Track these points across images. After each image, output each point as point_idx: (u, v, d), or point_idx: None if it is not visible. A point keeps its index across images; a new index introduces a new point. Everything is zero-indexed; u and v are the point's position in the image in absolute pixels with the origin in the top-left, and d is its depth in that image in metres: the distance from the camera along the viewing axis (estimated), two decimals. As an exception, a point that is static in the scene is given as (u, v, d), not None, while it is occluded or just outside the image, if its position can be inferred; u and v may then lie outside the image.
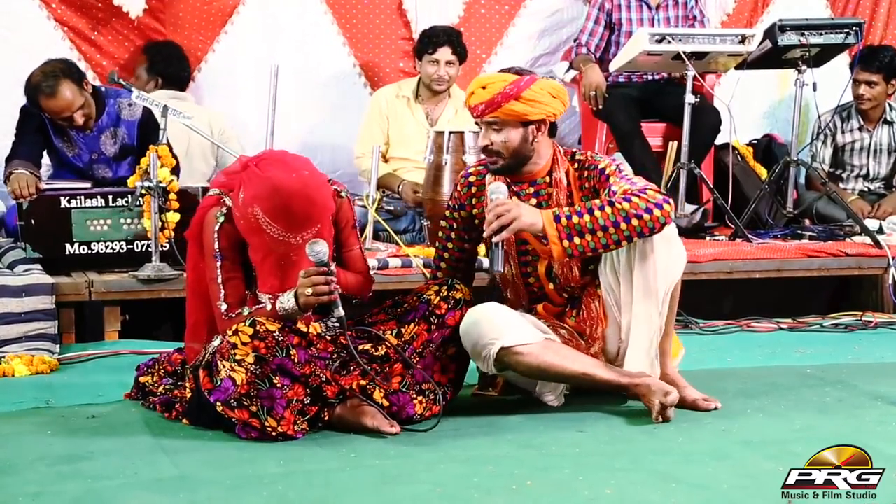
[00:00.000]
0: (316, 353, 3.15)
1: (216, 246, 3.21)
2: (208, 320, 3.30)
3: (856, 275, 5.26)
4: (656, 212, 3.21)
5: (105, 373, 3.89)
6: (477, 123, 3.44)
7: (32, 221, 4.39)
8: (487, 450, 3.06)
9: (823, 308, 5.11)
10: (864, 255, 5.21)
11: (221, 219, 3.21)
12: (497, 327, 3.28)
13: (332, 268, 3.14)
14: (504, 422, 3.34)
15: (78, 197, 4.40)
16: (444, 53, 5.50)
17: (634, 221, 3.19)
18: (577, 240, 3.19)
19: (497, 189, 3.32)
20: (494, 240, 3.23)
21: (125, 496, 2.65)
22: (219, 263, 3.21)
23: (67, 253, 4.38)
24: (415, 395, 3.24)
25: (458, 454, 3.01)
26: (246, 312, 3.17)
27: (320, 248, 3.10)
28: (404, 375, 3.25)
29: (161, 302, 4.40)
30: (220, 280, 3.22)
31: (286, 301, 3.14)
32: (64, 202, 4.38)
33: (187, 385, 3.27)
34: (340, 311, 3.15)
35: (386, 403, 3.20)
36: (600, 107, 5.63)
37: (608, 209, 3.20)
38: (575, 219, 3.20)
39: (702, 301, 3.56)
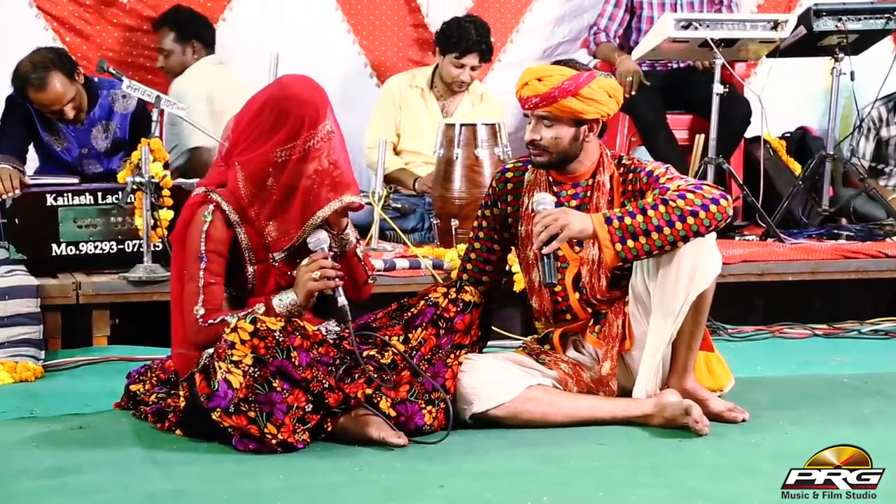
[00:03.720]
0: (318, 357, 3.16)
1: (202, 247, 3.22)
2: None
3: (896, 277, 5.26)
4: (713, 208, 3.21)
5: (94, 380, 3.91)
6: (526, 115, 3.44)
7: (16, 220, 4.41)
8: (501, 463, 3.06)
9: (861, 313, 5.09)
10: (905, 257, 5.21)
11: (209, 218, 3.23)
12: (469, 390, 3.32)
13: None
14: (519, 433, 3.33)
15: (65, 194, 4.42)
16: (472, 59, 5.53)
17: (690, 220, 3.19)
18: (630, 242, 3.20)
19: (543, 200, 3.35)
20: (545, 251, 3.24)
21: (115, 512, 2.67)
22: (203, 265, 3.22)
23: (54, 253, 4.40)
24: (423, 405, 3.24)
25: (469, 468, 3.02)
26: (231, 319, 3.15)
27: (321, 237, 3.20)
28: (412, 384, 3.25)
29: (153, 305, 4.40)
30: (201, 283, 3.22)
31: (285, 297, 3.20)
32: (50, 199, 4.40)
33: (181, 393, 3.28)
34: (343, 300, 3.20)
35: (393, 413, 3.20)
36: (634, 93, 5.62)
37: (662, 208, 3.20)
38: (628, 220, 3.20)
39: (730, 305, 3.56)
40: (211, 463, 3.03)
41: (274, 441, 3.05)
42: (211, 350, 3.16)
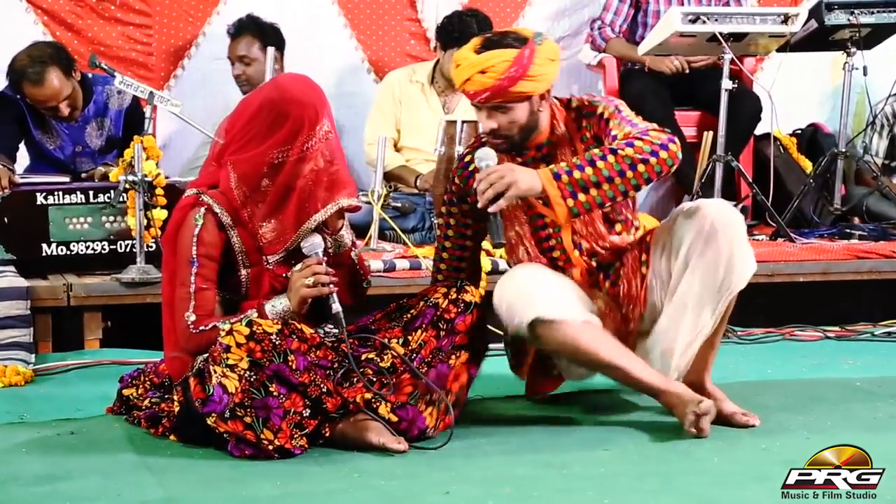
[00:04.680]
0: (316, 361, 3.15)
1: (194, 251, 3.21)
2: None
3: (911, 278, 5.25)
4: (662, 154, 3.21)
5: (85, 384, 3.91)
6: (476, 106, 3.40)
7: (5, 219, 4.41)
8: (504, 469, 3.06)
9: (875, 315, 5.09)
10: (920, 257, 5.21)
11: (201, 221, 3.21)
12: (533, 294, 3.29)
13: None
14: (523, 438, 3.34)
15: (56, 192, 4.41)
16: None
17: (641, 167, 3.20)
18: (581, 196, 3.19)
19: (486, 156, 3.31)
20: (491, 209, 3.22)
21: (107, 520, 2.67)
22: (194, 270, 3.20)
23: (44, 254, 4.40)
24: (425, 407, 3.24)
25: (471, 474, 3.01)
26: (224, 326, 3.13)
27: (316, 241, 3.20)
28: (415, 385, 3.24)
29: (146, 307, 4.39)
30: (192, 289, 3.20)
31: (278, 303, 3.19)
32: (40, 198, 4.39)
33: (175, 398, 3.27)
34: (338, 307, 3.20)
35: (394, 419, 3.19)
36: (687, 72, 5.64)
37: (611, 158, 3.19)
38: (577, 174, 3.19)
39: (739, 307, 3.55)
40: (206, 469, 3.03)
41: (270, 447, 3.05)
42: (206, 354, 3.15)
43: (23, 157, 5.07)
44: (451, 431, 3.22)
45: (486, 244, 3.75)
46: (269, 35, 5.49)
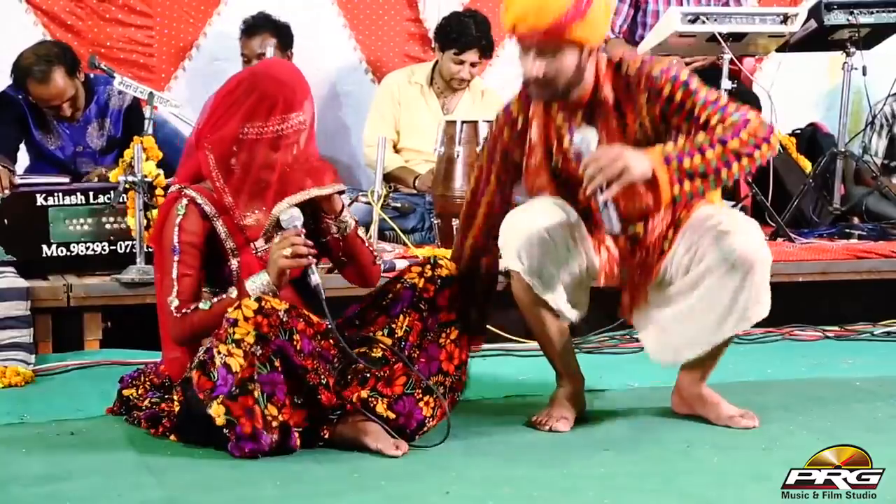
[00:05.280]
0: (320, 350, 3.13)
1: (175, 240, 3.19)
2: None
3: (910, 278, 5.25)
4: (764, 148, 3.16)
5: (85, 385, 3.90)
6: (525, 51, 3.26)
7: (5, 220, 4.40)
8: (504, 470, 3.05)
9: (874, 315, 5.09)
10: (919, 257, 5.21)
11: (182, 211, 3.20)
12: (519, 241, 3.29)
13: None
14: (522, 438, 3.34)
15: (56, 193, 4.40)
16: (472, 55, 5.53)
17: (745, 161, 3.15)
18: (687, 185, 3.12)
19: (587, 137, 3.21)
20: (602, 197, 3.12)
21: (107, 520, 2.66)
22: (176, 258, 3.19)
23: (44, 255, 4.39)
24: (421, 395, 3.22)
25: (471, 474, 3.01)
26: (205, 306, 3.14)
27: (295, 213, 3.17)
28: (408, 375, 3.22)
29: (146, 308, 4.38)
30: (174, 274, 3.17)
31: (258, 278, 3.14)
32: (40, 199, 4.39)
33: (175, 398, 3.27)
34: (317, 278, 3.17)
35: (392, 415, 3.18)
36: None
37: (718, 148, 3.12)
38: (686, 161, 3.11)
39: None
40: (206, 469, 3.02)
41: (274, 423, 3.03)
42: (206, 347, 3.14)
43: (23, 158, 5.07)
44: (449, 424, 3.19)
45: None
46: (283, 33, 5.49)
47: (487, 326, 3.72)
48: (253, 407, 3.02)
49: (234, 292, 3.14)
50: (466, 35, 5.50)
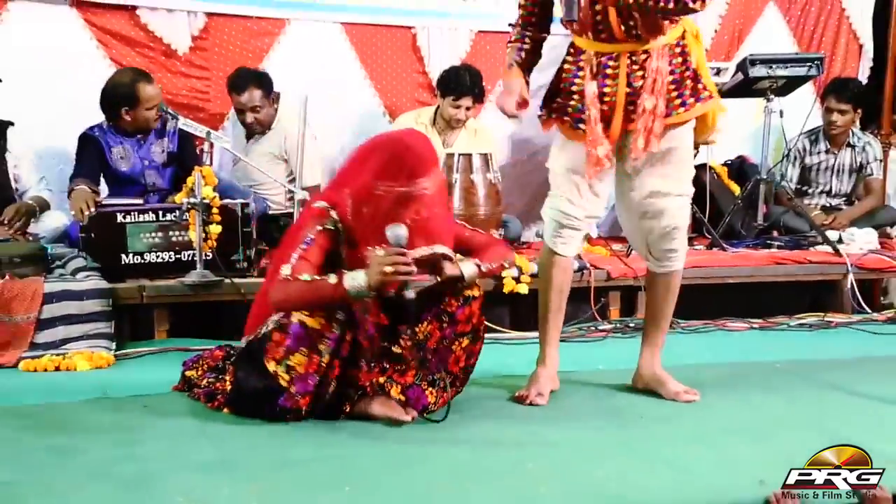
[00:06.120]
0: (377, 337, 3.06)
1: (311, 235, 3.01)
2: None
3: (818, 280, 5.24)
4: (695, 4, 3.06)
5: (156, 367, 3.88)
6: None
7: (92, 234, 4.38)
8: (492, 434, 3.04)
9: (790, 310, 5.08)
10: (825, 263, 5.21)
11: (327, 226, 3.03)
12: (553, 225, 3.36)
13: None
14: (508, 410, 3.33)
15: (132, 212, 4.39)
16: (467, 101, 5.51)
17: (676, 5, 3.04)
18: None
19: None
20: None
21: (172, 477, 2.63)
22: (304, 246, 3.00)
23: (122, 262, 4.37)
24: (427, 387, 3.20)
25: (466, 436, 2.99)
26: (306, 278, 2.95)
27: (401, 232, 2.93)
28: (418, 370, 3.19)
29: (205, 304, 4.38)
30: (296, 254, 2.99)
31: (358, 276, 2.93)
32: (119, 217, 4.37)
33: (227, 378, 3.25)
34: (412, 294, 2.95)
35: (402, 398, 3.15)
36: None
37: None
38: None
39: (682, 304, 3.55)
40: (253, 436, 2.99)
41: (321, 365, 2.98)
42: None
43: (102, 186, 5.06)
44: (449, 406, 3.17)
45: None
46: (265, 82, 5.38)
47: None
48: (312, 356, 2.96)
49: (332, 278, 2.95)
50: (462, 85, 5.49)
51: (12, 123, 4.86)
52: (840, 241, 5.47)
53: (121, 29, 5.38)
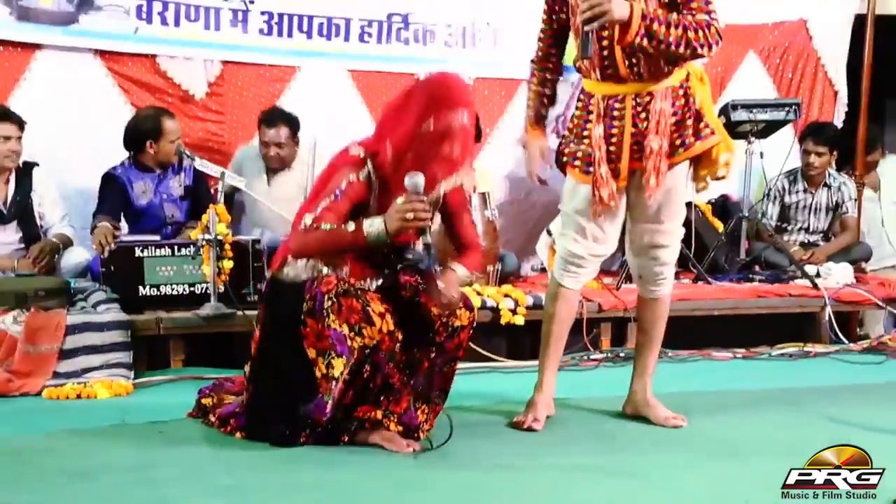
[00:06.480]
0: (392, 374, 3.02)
1: (340, 188, 2.91)
2: None
3: (798, 312, 5.23)
4: (705, 50, 3.09)
5: (171, 395, 3.87)
6: None
7: (112, 267, 4.38)
8: (493, 459, 3.01)
9: (771, 340, 5.07)
10: (804, 296, 5.21)
11: (360, 177, 2.94)
12: (564, 260, 3.37)
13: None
14: (506, 435, 3.31)
15: (149, 247, 4.39)
16: None
17: (687, 51, 3.08)
18: (646, 42, 3.05)
19: None
20: (587, 28, 3.05)
21: (187, 501, 2.61)
22: (332, 197, 2.90)
23: (140, 294, 4.36)
24: (419, 405, 3.14)
25: (465, 460, 2.97)
26: (326, 227, 2.88)
27: (418, 180, 2.85)
28: (410, 399, 3.11)
29: (219, 335, 4.37)
30: (322, 205, 2.90)
31: (374, 223, 2.87)
32: (138, 251, 4.37)
33: (243, 397, 3.22)
34: (429, 238, 2.89)
35: (400, 429, 3.09)
36: None
37: (680, 31, 3.05)
38: (655, 25, 3.04)
39: (670, 334, 3.54)
40: (263, 461, 2.97)
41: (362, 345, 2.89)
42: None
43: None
44: (451, 427, 3.09)
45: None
46: (293, 123, 5.39)
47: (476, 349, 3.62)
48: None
49: (351, 226, 2.88)
50: None
51: (38, 164, 4.87)
52: (818, 275, 5.47)
53: (141, 76, 5.41)
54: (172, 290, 4.40)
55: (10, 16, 5.07)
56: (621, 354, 4.65)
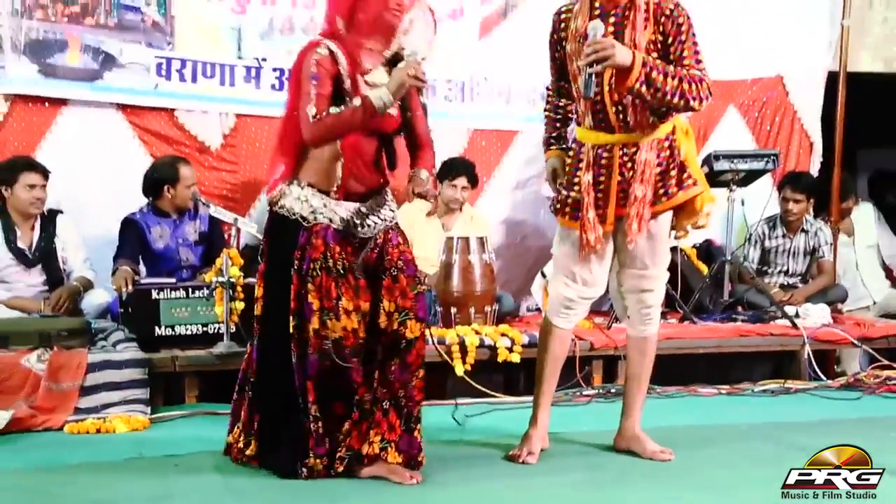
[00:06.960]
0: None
1: (314, 69, 2.96)
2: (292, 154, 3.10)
3: (779, 350, 5.24)
4: (697, 103, 3.13)
5: (186, 429, 3.88)
6: None
7: (130, 309, 4.41)
8: (492, 492, 3.02)
9: (754, 377, 5.07)
10: (785, 335, 5.21)
11: (322, 52, 2.98)
12: (556, 300, 3.39)
13: None
14: (502, 468, 3.31)
15: (165, 289, 4.42)
16: (461, 181, 5.58)
17: (680, 102, 3.12)
18: (644, 88, 3.09)
19: (597, 27, 3.11)
20: (590, 70, 3.07)
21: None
22: (315, 82, 2.95)
23: (156, 334, 4.38)
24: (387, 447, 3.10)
25: (463, 492, 2.98)
26: (335, 110, 2.94)
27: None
28: (380, 435, 3.08)
29: (231, 372, 4.36)
30: (313, 93, 2.94)
31: (378, 90, 2.97)
32: (154, 294, 4.40)
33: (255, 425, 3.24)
34: (426, 100, 3.09)
35: (400, 459, 3.09)
36: None
37: (676, 82, 3.10)
38: (654, 74, 3.08)
39: (657, 371, 3.56)
40: (272, 490, 2.98)
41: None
42: None
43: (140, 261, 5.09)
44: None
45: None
46: None
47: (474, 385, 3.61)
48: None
49: (357, 101, 2.95)
50: (457, 166, 5.59)
51: (62, 211, 4.92)
52: (797, 315, 5.48)
53: (160, 128, 5.46)
54: (187, 329, 4.42)
55: (39, 73, 5.14)
56: (612, 390, 4.66)
